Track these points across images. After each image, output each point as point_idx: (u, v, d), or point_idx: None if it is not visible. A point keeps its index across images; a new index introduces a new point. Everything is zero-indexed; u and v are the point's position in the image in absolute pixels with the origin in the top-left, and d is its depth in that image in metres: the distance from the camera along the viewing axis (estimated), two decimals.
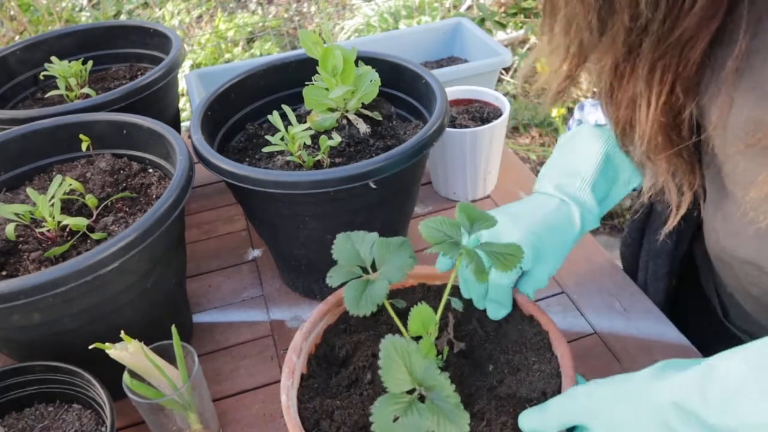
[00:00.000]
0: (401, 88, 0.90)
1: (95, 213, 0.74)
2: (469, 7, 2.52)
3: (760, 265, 0.59)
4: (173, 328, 0.64)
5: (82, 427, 0.67)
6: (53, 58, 0.98)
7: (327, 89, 0.83)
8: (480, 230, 0.56)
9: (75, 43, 1.10)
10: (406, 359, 0.46)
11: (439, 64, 1.30)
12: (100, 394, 0.64)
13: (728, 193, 0.58)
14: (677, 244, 0.80)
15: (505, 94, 2.55)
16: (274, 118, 0.81)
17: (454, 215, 0.57)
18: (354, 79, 0.82)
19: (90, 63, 1.02)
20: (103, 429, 0.66)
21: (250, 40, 2.73)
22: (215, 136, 0.86)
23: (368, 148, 0.82)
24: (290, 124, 0.83)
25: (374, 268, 0.53)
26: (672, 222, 0.62)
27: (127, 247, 0.60)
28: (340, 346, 0.62)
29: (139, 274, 0.66)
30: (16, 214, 0.69)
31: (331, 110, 0.85)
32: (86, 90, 0.96)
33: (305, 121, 0.86)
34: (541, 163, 2.46)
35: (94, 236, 0.70)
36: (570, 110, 2.48)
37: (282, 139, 0.79)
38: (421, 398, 0.45)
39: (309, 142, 0.78)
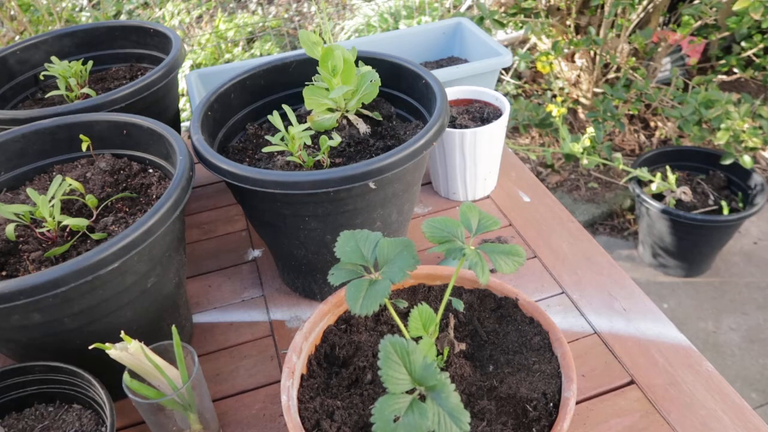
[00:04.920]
0: (401, 88, 0.90)
1: (95, 213, 0.74)
2: (470, 7, 2.52)
3: None
4: (173, 328, 0.64)
5: (82, 427, 0.67)
6: (53, 58, 0.98)
7: (327, 89, 0.83)
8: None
9: (75, 43, 1.10)
10: (405, 359, 0.46)
11: (439, 64, 1.30)
12: (100, 394, 0.64)
13: None
14: None
15: (505, 94, 2.56)
16: (274, 118, 0.81)
17: (453, 216, 0.57)
18: (354, 79, 0.82)
19: (90, 63, 1.02)
20: (103, 429, 0.66)
21: (250, 40, 2.73)
22: (215, 136, 0.86)
23: (368, 148, 0.82)
24: (290, 124, 0.83)
25: (376, 268, 0.53)
26: None
27: (127, 247, 0.60)
28: (341, 346, 0.62)
29: (139, 274, 0.66)
30: (16, 215, 0.69)
31: (331, 110, 0.85)
32: (86, 90, 0.96)
33: (305, 121, 0.86)
34: (542, 164, 2.46)
35: (94, 236, 0.70)
36: (570, 110, 2.48)
37: (282, 139, 0.79)
38: (422, 398, 0.45)
39: (309, 142, 0.78)
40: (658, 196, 2.00)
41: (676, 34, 2.13)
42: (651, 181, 1.95)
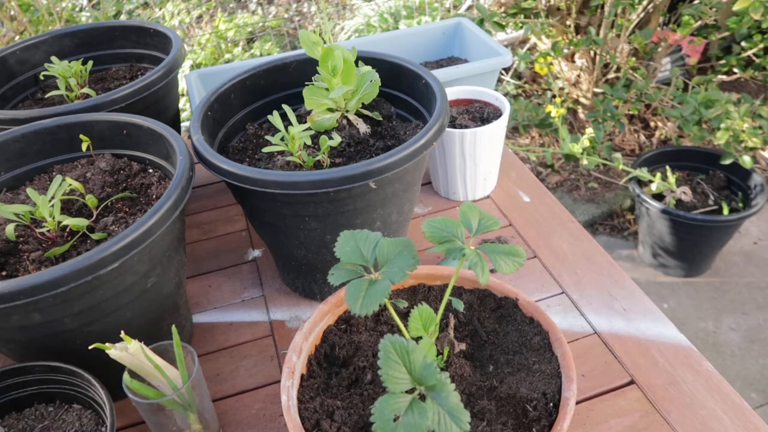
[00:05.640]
0: (401, 88, 0.90)
1: (95, 213, 0.74)
2: (470, 7, 2.52)
3: None
4: (173, 328, 0.64)
5: (82, 427, 0.67)
6: (53, 58, 0.98)
7: (327, 89, 0.83)
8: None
9: (75, 43, 1.10)
10: (405, 359, 0.46)
11: (439, 64, 1.30)
12: (100, 394, 0.64)
13: None
14: None
15: (505, 94, 2.56)
16: (274, 118, 0.81)
17: (453, 216, 0.57)
18: (354, 79, 0.82)
19: (90, 63, 1.02)
20: (103, 429, 0.66)
21: (250, 40, 2.73)
22: (215, 136, 0.86)
23: (368, 148, 0.82)
24: (290, 124, 0.83)
25: (376, 268, 0.53)
26: None
27: (127, 247, 0.60)
28: (341, 346, 0.62)
29: (139, 274, 0.66)
30: (16, 214, 0.69)
31: (331, 110, 0.85)
32: (86, 90, 0.96)
33: (305, 121, 0.86)
34: (542, 164, 2.46)
35: (94, 236, 0.70)
36: (570, 110, 2.48)
37: (282, 139, 0.79)
38: (422, 398, 0.45)
39: (309, 142, 0.78)
40: (658, 196, 2.00)
41: (676, 34, 2.13)
42: (651, 181, 1.95)
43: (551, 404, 0.55)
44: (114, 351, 0.60)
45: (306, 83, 0.84)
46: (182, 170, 0.70)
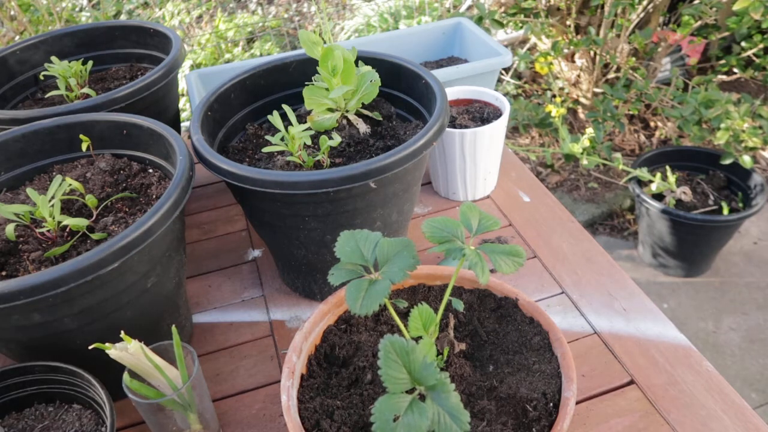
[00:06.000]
0: (401, 88, 0.90)
1: (95, 213, 0.74)
2: (470, 7, 2.52)
3: None
4: (173, 328, 0.64)
5: (82, 427, 0.67)
6: (53, 58, 0.98)
7: (327, 89, 0.83)
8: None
9: (75, 43, 1.10)
10: (405, 359, 0.46)
11: (439, 64, 1.30)
12: (100, 394, 0.64)
13: None
14: None
15: (505, 94, 2.55)
16: (274, 118, 0.81)
17: (453, 216, 0.57)
18: (354, 79, 0.82)
19: (90, 63, 1.02)
20: (103, 429, 0.66)
21: (250, 40, 2.73)
22: (215, 136, 0.86)
23: (368, 148, 0.82)
24: (290, 124, 0.83)
25: (376, 268, 0.53)
26: None
27: (127, 247, 0.60)
28: (341, 346, 0.62)
29: (139, 274, 0.66)
30: (16, 214, 0.69)
31: (331, 110, 0.85)
32: (86, 90, 0.96)
33: (305, 121, 0.86)
34: (542, 164, 2.46)
35: (94, 236, 0.70)
36: (570, 110, 2.48)
37: (282, 139, 0.79)
38: (422, 398, 0.45)
39: (309, 142, 0.78)
40: (658, 196, 2.00)
41: (676, 34, 2.13)
42: (651, 181, 1.95)
43: (551, 404, 0.55)
44: (114, 351, 0.60)
45: (306, 83, 0.84)
46: (182, 170, 0.70)
